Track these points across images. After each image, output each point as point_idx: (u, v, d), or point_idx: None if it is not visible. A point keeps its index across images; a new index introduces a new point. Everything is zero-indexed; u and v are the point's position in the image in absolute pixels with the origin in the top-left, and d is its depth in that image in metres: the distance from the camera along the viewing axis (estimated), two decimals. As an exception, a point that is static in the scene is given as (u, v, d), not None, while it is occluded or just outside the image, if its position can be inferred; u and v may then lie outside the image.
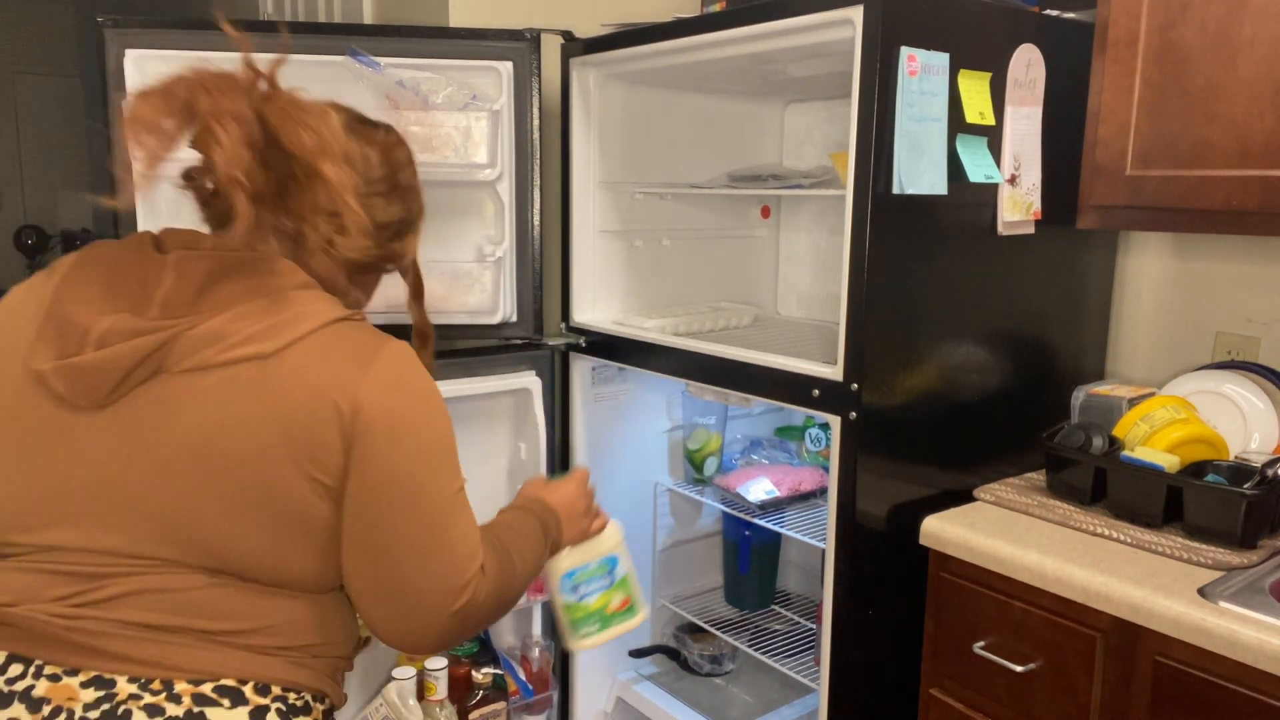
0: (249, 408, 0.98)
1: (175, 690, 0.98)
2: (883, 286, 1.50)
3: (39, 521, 1.01)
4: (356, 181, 1.07)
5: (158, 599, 1.00)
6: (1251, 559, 1.37)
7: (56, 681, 0.97)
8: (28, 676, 0.97)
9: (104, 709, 0.96)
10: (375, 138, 1.22)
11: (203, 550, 1.00)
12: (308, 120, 1.04)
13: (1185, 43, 1.47)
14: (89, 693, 0.96)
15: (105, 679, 0.97)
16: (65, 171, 6.36)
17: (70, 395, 0.98)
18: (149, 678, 0.98)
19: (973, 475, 1.71)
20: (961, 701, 1.56)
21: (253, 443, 0.98)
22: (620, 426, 2.22)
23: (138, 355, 0.97)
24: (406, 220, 1.23)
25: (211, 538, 1.00)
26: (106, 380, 0.98)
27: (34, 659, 0.98)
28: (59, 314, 1.00)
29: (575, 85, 2.04)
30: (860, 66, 1.44)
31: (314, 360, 1.00)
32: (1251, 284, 1.75)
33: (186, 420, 0.98)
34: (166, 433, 0.99)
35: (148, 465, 0.99)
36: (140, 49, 1.76)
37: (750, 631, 2.16)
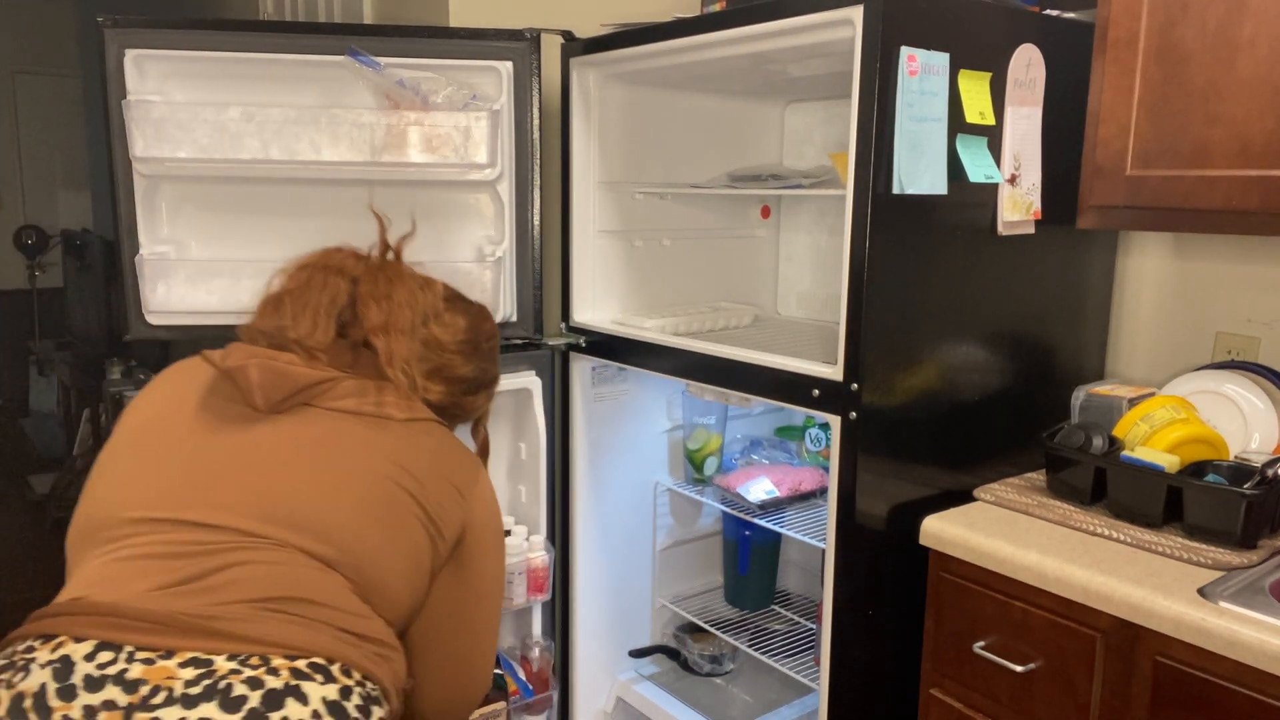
0: (390, 451, 1.20)
1: (272, 664, 1.03)
2: (883, 286, 1.50)
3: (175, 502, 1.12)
4: (413, 350, 1.30)
5: (265, 570, 1.08)
6: (1251, 559, 1.37)
7: (151, 665, 1.00)
8: (119, 661, 1.00)
9: (205, 684, 0.99)
10: (468, 309, 1.46)
11: (331, 544, 1.12)
12: (390, 293, 1.31)
13: (1185, 43, 1.47)
14: (187, 671, 1.00)
15: (203, 659, 1.01)
16: (65, 171, 6.36)
17: (260, 385, 1.17)
18: (247, 654, 1.03)
19: (973, 475, 1.71)
20: (961, 701, 1.56)
21: (394, 477, 1.19)
22: (620, 426, 2.22)
23: (311, 380, 1.20)
24: (480, 380, 1.46)
25: (343, 536, 1.13)
26: (288, 384, 1.19)
27: (124, 644, 1.01)
28: (243, 348, 1.24)
29: (575, 85, 2.03)
30: (860, 66, 1.44)
31: (433, 444, 1.25)
32: (1251, 284, 1.75)
33: (340, 442, 1.18)
34: (322, 445, 1.18)
35: (295, 472, 1.15)
36: (140, 49, 1.76)
37: (750, 631, 2.16)
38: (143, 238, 1.82)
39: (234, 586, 1.06)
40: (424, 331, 1.33)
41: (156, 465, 1.16)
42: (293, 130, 1.79)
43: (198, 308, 1.84)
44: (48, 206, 6.33)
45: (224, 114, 1.76)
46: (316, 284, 1.30)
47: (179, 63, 1.79)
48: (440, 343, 1.35)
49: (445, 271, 1.91)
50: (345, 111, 1.81)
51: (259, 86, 1.84)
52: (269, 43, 1.82)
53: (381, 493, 1.18)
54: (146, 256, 1.81)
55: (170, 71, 1.79)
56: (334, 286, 1.30)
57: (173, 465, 1.16)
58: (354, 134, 1.81)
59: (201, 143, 1.76)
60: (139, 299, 1.82)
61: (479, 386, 1.46)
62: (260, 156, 1.79)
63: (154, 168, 1.79)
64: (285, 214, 1.92)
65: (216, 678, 1.00)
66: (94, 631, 1.02)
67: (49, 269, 6.03)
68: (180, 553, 1.08)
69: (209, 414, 1.20)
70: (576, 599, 2.22)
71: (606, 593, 2.27)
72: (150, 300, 1.82)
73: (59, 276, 5.85)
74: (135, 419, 1.24)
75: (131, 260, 1.81)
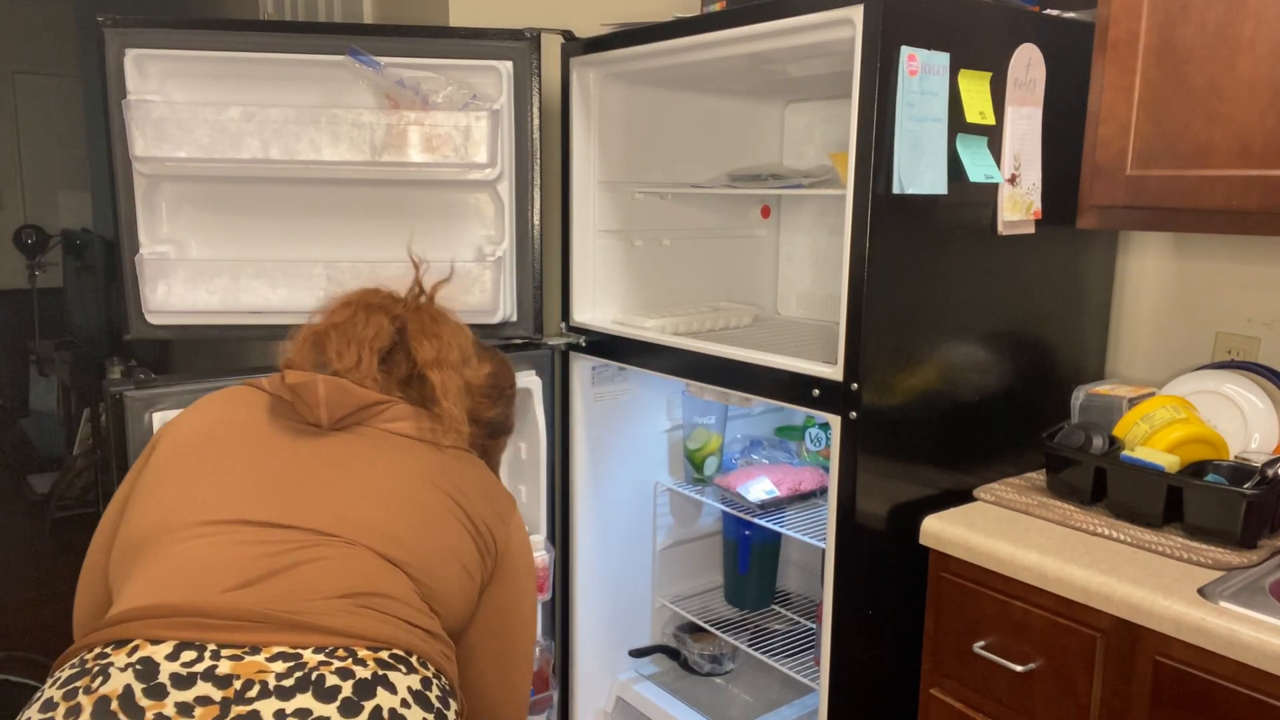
0: (442, 470, 1.25)
1: (359, 656, 1.05)
2: (883, 286, 1.50)
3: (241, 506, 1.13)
4: (461, 385, 1.35)
5: (340, 565, 1.10)
6: (1251, 559, 1.37)
7: (239, 660, 1.01)
8: (205, 658, 1.00)
9: (297, 676, 1.00)
10: (493, 356, 1.52)
11: (395, 544, 1.15)
12: (439, 332, 1.37)
13: (1185, 43, 1.47)
14: (278, 665, 1.01)
15: (290, 652, 1.02)
16: (65, 171, 6.36)
17: (326, 401, 1.21)
18: (333, 646, 1.04)
19: (973, 475, 1.71)
20: (961, 701, 1.56)
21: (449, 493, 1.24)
22: (620, 426, 2.22)
23: (372, 399, 1.25)
24: (503, 425, 1.53)
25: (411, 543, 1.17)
26: (352, 401, 1.23)
27: (206, 643, 1.01)
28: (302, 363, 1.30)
29: (575, 85, 2.04)
30: (860, 66, 1.44)
31: (477, 471, 1.32)
32: (1251, 284, 1.75)
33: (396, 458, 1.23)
34: (379, 461, 1.22)
35: (358, 480, 1.19)
36: (140, 49, 1.76)
37: (750, 631, 2.16)
38: (143, 237, 1.82)
39: (312, 583, 1.08)
40: (465, 371, 1.38)
41: (217, 475, 1.17)
42: (293, 130, 1.79)
43: (198, 307, 1.84)
44: (48, 206, 6.33)
45: (224, 114, 1.76)
46: (360, 320, 1.34)
47: (179, 62, 1.79)
48: (471, 385, 1.39)
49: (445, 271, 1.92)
50: (345, 111, 1.81)
51: (259, 86, 1.84)
52: (269, 43, 1.82)
53: (437, 506, 1.22)
54: (146, 256, 1.81)
55: (170, 71, 1.80)
56: (378, 323, 1.34)
57: (235, 475, 1.17)
58: (354, 134, 1.81)
59: (201, 142, 1.76)
60: (139, 299, 1.82)
61: (500, 431, 1.52)
62: (260, 156, 1.79)
63: (154, 167, 1.79)
64: (285, 214, 1.92)
65: (308, 670, 1.01)
66: (171, 633, 1.02)
67: (49, 269, 6.03)
68: (252, 552, 1.09)
69: (267, 430, 1.23)
70: (576, 599, 2.22)
71: (606, 592, 2.27)
72: (150, 300, 1.82)
73: (59, 276, 5.86)
74: (183, 437, 1.24)
75: (131, 260, 1.81)
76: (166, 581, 1.07)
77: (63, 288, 5.79)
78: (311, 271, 1.87)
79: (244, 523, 1.12)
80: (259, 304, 1.86)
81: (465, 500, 1.25)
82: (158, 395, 1.70)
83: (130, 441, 1.68)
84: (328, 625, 1.04)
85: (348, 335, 1.32)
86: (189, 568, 1.08)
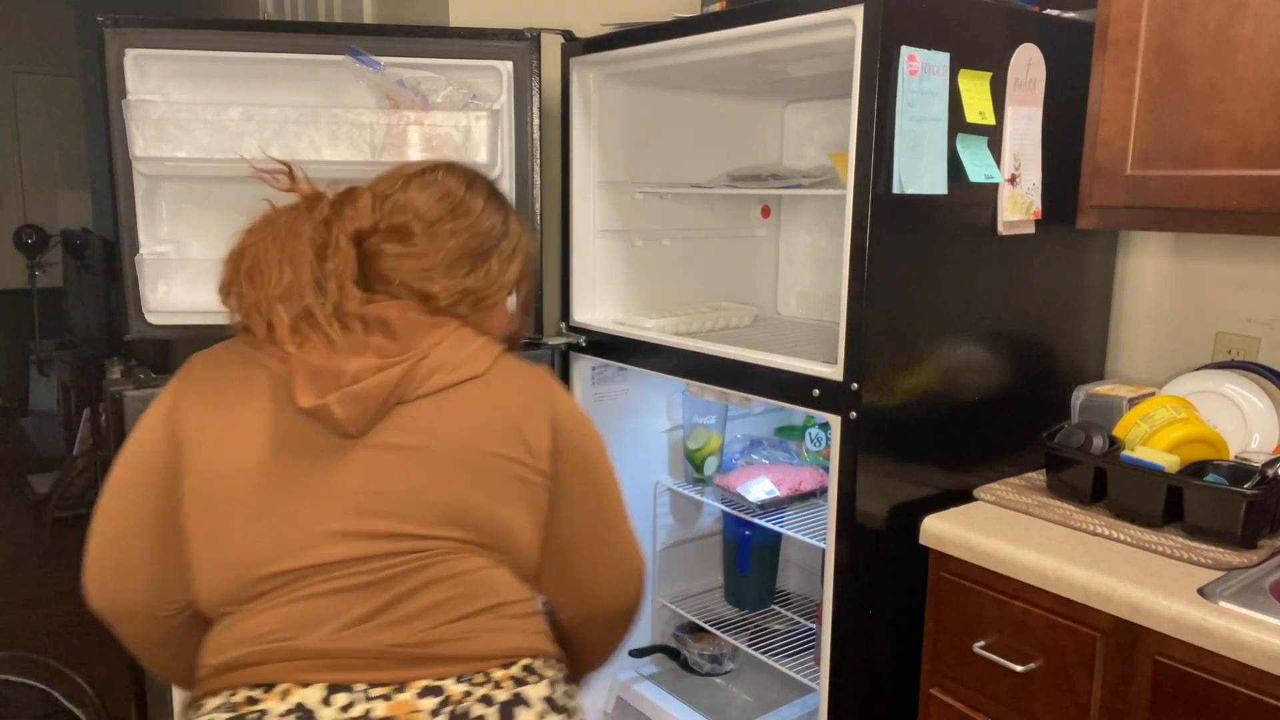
0: (485, 413, 1.18)
1: (494, 678, 1.09)
2: (883, 286, 1.50)
3: (312, 543, 1.09)
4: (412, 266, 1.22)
5: (454, 584, 1.11)
6: (1251, 559, 1.37)
7: (390, 700, 1.03)
8: (359, 702, 1.02)
9: (447, 711, 1.04)
10: (431, 180, 1.28)
11: (477, 528, 1.14)
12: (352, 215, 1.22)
13: (1185, 43, 1.47)
14: (427, 701, 1.04)
15: (434, 686, 1.05)
16: (65, 171, 6.36)
17: (349, 420, 1.11)
18: (470, 673, 1.08)
19: (973, 475, 1.71)
20: (961, 701, 1.56)
21: (497, 438, 1.17)
22: (620, 426, 2.22)
23: (392, 382, 1.13)
24: (477, 251, 1.27)
25: (484, 518, 1.15)
26: (374, 404, 1.12)
27: (354, 684, 1.04)
28: (304, 365, 1.13)
29: (575, 85, 2.04)
30: (860, 66, 1.44)
31: (512, 379, 1.22)
32: (1251, 284, 1.75)
33: (441, 431, 1.15)
34: (429, 442, 1.14)
35: (421, 470, 1.13)
36: (140, 49, 1.76)
37: (750, 631, 2.16)
38: (143, 237, 1.82)
39: (430, 610, 1.09)
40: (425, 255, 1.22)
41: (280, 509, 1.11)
42: (293, 130, 1.79)
43: (198, 307, 1.84)
44: (48, 206, 6.33)
45: (224, 114, 1.76)
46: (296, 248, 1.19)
47: (179, 62, 1.79)
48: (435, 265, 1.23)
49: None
50: (345, 111, 1.81)
51: (259, 86, 1.84)
52: (269, 42, 1.82)
53: (486, 466, 1.16)
54: (146, 256, 1.81)
55: (170, 71, 1.80)
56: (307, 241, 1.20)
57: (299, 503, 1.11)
58: (354, 134, 1.81)
59: (201, 142, 1.76)
60: (139, 298, 1.82)
61: (478, 261, 1.27)
62: (260, 156, 1.79)
63: (154, 167, 1.79)
64: (285, 214, 1.91)
65: (454, 703, 1.04)
66: (316, 675, 1.03)
67: (49, 269, 6.03)
68: (359, 584, 1.08)
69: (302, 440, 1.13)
70: (576, 599, 2.22)
71: (606, 593, 2.27)
72: (150, 300, 1.82)
73: (59, 276, 5.86)
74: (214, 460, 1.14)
75: (131, 260, 1.81)
76: (278, 625, 1.07)
77: (63, 288, 5.79)
78: (311, 271, 1.86)
79: (332, 564, 1.09)
80: (259, 304, 1.86)
81: (521, 436, 1.18)
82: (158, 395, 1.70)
83: (130, 441, 1.69)
84: (460, 653, 1.08)
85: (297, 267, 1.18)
86: (298, 610, 1.07)
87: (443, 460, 1.14)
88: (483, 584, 1.13)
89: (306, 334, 1.15)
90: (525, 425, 1.19)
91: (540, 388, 1.24)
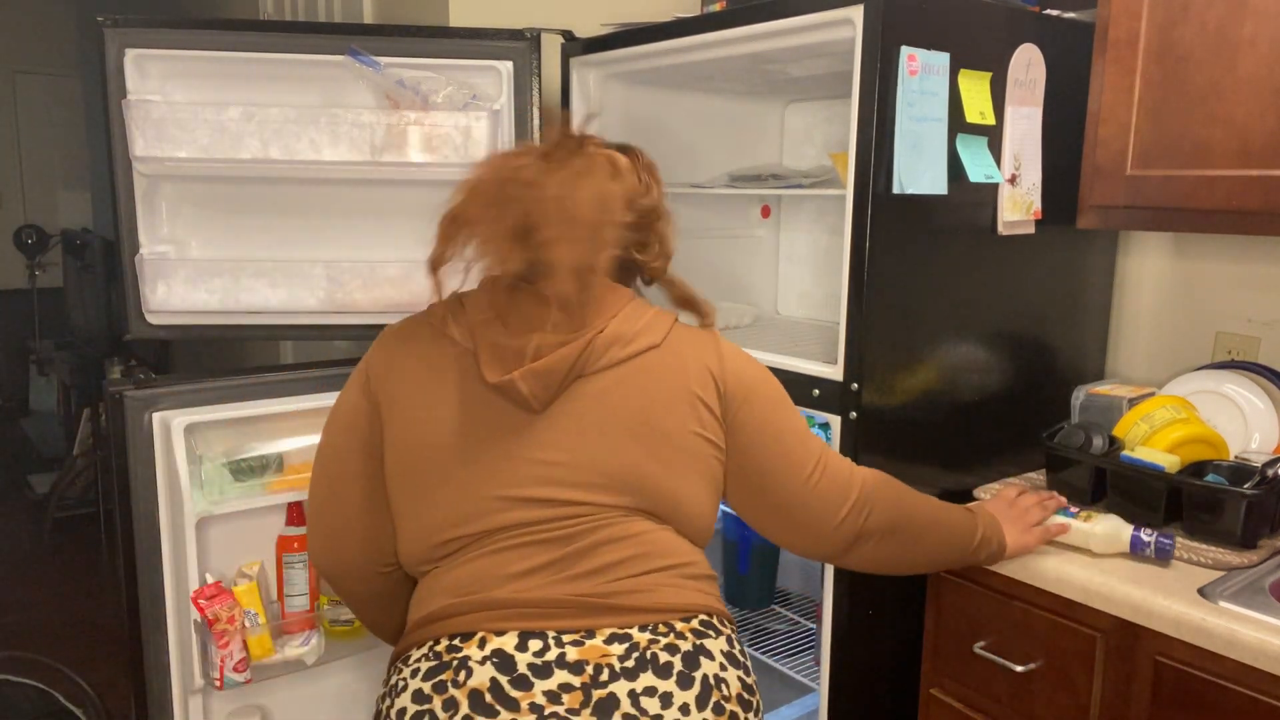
0: (662, 383, 1.22)
1: (676, 629, 1.14)
2: (883, 286, 1.50)
3: (499, 507, 1.17)
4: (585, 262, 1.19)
5: (630, 544, 1.17)
6: (1251, 559, 1.37)
7: (581, 646, 1.10)
8: (551, 647, 1.10)
9: (635, 656, 1.10)
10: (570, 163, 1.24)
11: (649, 497, 1.20)
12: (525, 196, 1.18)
13: (1185, 43, 1.47)
14: (615, 647, 1.10)
15: (621, 634, 1.12)
16: (65, 171, 6.36)
17: (532, 395, 1.17)
18: (654, 623, 1.14)
19: (973, 475, 1.71)
20: (961, 701, 1.56)
21: (672, 409, 1.22)
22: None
23: (572, 357, 1.18)
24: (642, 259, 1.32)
25: (655, 488, 1.20)
26: (555, 379, 1.18)
27: (546, 631, 1.11)
28: (488, 342, 1.20)
29: (575, 85, 2.03)
30: (860, 66, 1.44)
31: (685, 344, 1.26)
32: (1251, 284, 1.75)
33: (618, 403, 1.20)
34: (606, 414, 1.19)
35: (598, 441, 1.19)
36: (140, 49, 1.76)
37: (750, 631, 2.16)
38: (143, 237, 1.82)
39: (610, 567, 1.15)
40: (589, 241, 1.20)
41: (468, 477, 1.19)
42: (293, 130, 1.79)
43: (198, 307, 1.84)
44: (48, 206, 6.33)
45: (224, 114, 1.76)
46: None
47: (179, 62, 1.79)
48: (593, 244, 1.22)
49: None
50: (345, 111, 1.81)
51: (259, 86, 1.84)
52: (269, 43, 1.82)
53: (660, 437, 1.21)
54: (146, 256, 1.81)
55: (170, 71, 1.80)
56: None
57: (484, 470, 1.19)
58: (354, 134, 1.81)
59: (201, 142, 1.76)
60: (139, 299, 1.82)
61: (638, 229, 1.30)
62: (260, 156, 1.79)
63: (154, 167, 1.79)
64: (285, 214, 1.92)
65: (642, 649, 1.11)
66: (511, 624, 1.11)
67: (49, 269, 6.03)
68: (538, 540, 1.16)
69: (487, 412, 1.20)
70: (576, 599, 2.22)
71: (606, 593, 2.27)
72: (150, 300, 1.82)
73: (59, 276, 5.85)
74: (410, 429, 1.22)
75: (131, 260, 1.81)
76: (473, 579, 1.15)
77: (63, 288, 5.79)
78: (311, 271, 1.87)
79: (524, 500, 1.17)
80: (259, 304, 1.86)
81: (694, 403, 1.22)
82: (158, 395, 1.71)
83: (130, 441, 1.69)
84: (643, 604, 1.14)
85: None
86: (488, 563, 1.16)
87: (619, 432, 1.19)
88: (658, 545, 1.19)
89: (498, 310, 1.22)
90: (700, 393, 1.24)
91: (707, 353, 1.27)
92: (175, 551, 1.70)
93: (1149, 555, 1.38)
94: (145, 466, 1.70)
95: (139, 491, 1.70)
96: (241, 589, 1.71)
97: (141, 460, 1.70)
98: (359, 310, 1.89)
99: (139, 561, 1.71)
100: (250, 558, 1.81)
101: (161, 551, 1.71)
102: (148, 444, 1.69)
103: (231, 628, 1.67)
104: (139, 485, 1.70)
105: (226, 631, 1.67)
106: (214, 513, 1.72)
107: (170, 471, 1.68)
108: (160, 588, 1.71)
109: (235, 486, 1.77)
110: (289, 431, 1.82)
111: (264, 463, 1.80)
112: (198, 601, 1.67)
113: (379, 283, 1.89)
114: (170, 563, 1.71)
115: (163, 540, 1.71)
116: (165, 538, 1.71)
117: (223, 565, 1.78)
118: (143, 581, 1.71)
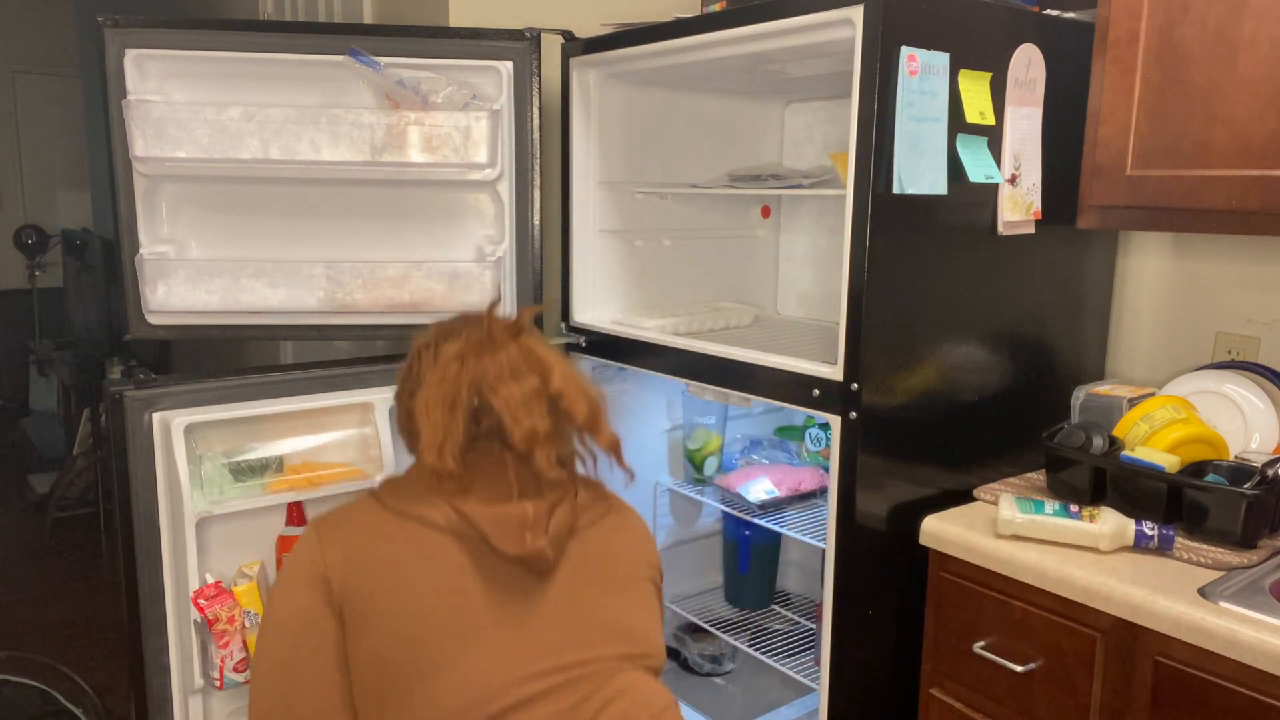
0: (632, 540, 1.36)
1: None
2: (883, 286, 1.50)
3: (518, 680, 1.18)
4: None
5: (633, 698, 1.23)
6: (1251, 559, 1.37)
7: None
8: None
9: None
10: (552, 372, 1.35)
11: (637, 643, 1.28)
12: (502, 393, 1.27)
13: (1185, 43, 1.47)
14: None
15: None
16: (65, 171, 6.36)
17: (554, 557, 1.23)
18: None
19: (973, 475, 1.71)
20: (961, 701, 1.56)
21: (639, 560, 1.34)
22: (620, 426, 2.18)
23: (569, 521, 1.27)
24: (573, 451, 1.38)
25: (638, 633, 1.29)
26: (560, 542, 1.25)
27: None
28: (482, 514, 1.21)
29: (575, 85, 2.03)
30: (860, 66, 1.44)
31: (632, 519, 1.40)
32: (1251, 284, 1.75)
33: (601, 559, 1.29)
34: (596, 568, 1.28)
35: (594, 595, 1.27)
36: (140, 49, 1.76)
37: (750, 631, 2.16)
38: (143, 237, 1.82)
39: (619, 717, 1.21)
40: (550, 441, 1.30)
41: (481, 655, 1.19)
42: (293, 130, 1.79)
43: (198, 307, 1.84)
44: (48, 206, 6.33)
45: (224, 114, 1.76)
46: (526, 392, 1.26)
47: (179, 62, 1.79)
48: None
49: (445, 272, 1.93)
50: (345, 111, 1.81)
51: (259, 86, 1.84)
52: (269, 43, 1.82)
53: (637, 584, 1.33)
54: (146, 256, 1.81)
55: (171, 71, 1.80)
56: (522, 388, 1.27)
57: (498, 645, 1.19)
58: (354, 134, 1.81)
59: (202, 142, 1.76)
60: (139, 299, 1.82)
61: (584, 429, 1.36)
62: (260, 156, 1.79)
63: (154, 168, 1.79)
64: (285, 214, 1.92)
65: None
66: None
67: (49, 269, 6.03)
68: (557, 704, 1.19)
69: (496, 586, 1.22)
70: (576, 599, 2.22)
71: (606, 593, 2.27)
72: (150, 300, 1.82)
73: (59, 276, 5.85)
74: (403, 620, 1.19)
75: (131, 260, 1.81)
76: None
77: (63, 288, 5.79)
78: (311, 271, 1.87)
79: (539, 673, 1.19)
80: (259, 304, 1.86)
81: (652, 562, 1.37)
82: (158, 395, 1.71)
83: (130, 441, 1.69)
84: None
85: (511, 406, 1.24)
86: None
87: (606, 581, 1.29)
88: (650, 692, 1.27)
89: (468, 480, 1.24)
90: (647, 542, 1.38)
91: (645, 531, 1.42)
92: (175, 551, 1.70)
93: (1153, 548, 1.41)
94: (145, 466, 1.70)
95: (139, 491, 1.70)
96: (241, 589, 1.72)
97: (141, 460, 1.70)
98: (359, 310, 1.89)
99: (139, 561, 1.71)
100: (250, 558, 1.81)
101: (161, 551, 1.71)
102: (148, 444, 1.69)
103: (231, 628, 1.67)
104: (139, 485, 1.70)
105: (226, 631, 1.67)
106: (214, 513, 1.72)
107: (170, 471, 1.68)
108: (160, 588, 1.71)
109: (235, 486, 1.77)
110: (289, 431, 1.83)
111: (264, 463, 1.80)
112: (198, 601, 1.67)
113: (379, 283, 1.89)
114: (170, 563, 1.71)
115: (163, 540, 1.71)
116: (165, 538, 1.71)
117: (223, 565, 1.78)
118: (143, 581, 1.71)
